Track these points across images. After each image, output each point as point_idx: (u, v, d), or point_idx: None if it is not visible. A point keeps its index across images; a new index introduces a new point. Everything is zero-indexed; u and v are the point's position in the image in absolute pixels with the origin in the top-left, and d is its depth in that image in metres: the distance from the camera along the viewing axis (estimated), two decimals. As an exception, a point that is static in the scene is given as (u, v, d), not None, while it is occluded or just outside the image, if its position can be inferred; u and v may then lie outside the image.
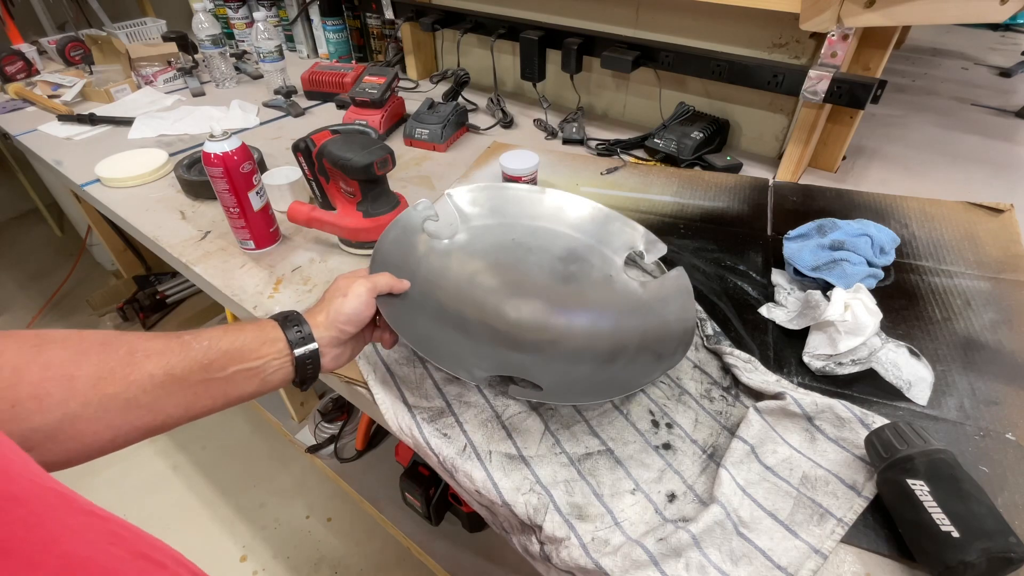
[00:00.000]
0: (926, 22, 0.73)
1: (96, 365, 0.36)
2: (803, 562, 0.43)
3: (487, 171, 0.97)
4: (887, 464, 0.44)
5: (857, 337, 0.57)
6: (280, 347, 0.46)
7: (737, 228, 0.81)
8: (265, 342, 0.45)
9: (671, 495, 0.48)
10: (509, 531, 0.51)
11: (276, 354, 0.45)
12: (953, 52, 1.52)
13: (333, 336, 0.49)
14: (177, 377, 0.39)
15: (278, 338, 0.46)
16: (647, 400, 0.56)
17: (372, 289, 0.51)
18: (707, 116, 1.01)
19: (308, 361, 0.47)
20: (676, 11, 0.96)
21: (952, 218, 0.80)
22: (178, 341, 0.41)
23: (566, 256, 0.70)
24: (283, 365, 0.46)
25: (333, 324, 0.49)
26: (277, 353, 0.45)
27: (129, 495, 1.42)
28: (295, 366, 0.47)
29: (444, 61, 1.40)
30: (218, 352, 0.42)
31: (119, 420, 0.37)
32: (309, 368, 0.47)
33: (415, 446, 0.54)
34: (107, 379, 0.36)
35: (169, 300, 1.75)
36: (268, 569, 1.27)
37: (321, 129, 0.79)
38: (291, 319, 0.48)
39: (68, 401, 0.34)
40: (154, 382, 0.38)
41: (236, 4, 1.50)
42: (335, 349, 0.50)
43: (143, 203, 0.92)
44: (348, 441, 1.31)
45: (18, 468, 0.22)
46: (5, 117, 1.26)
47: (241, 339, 0.44)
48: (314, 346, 0.47)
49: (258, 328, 0.46)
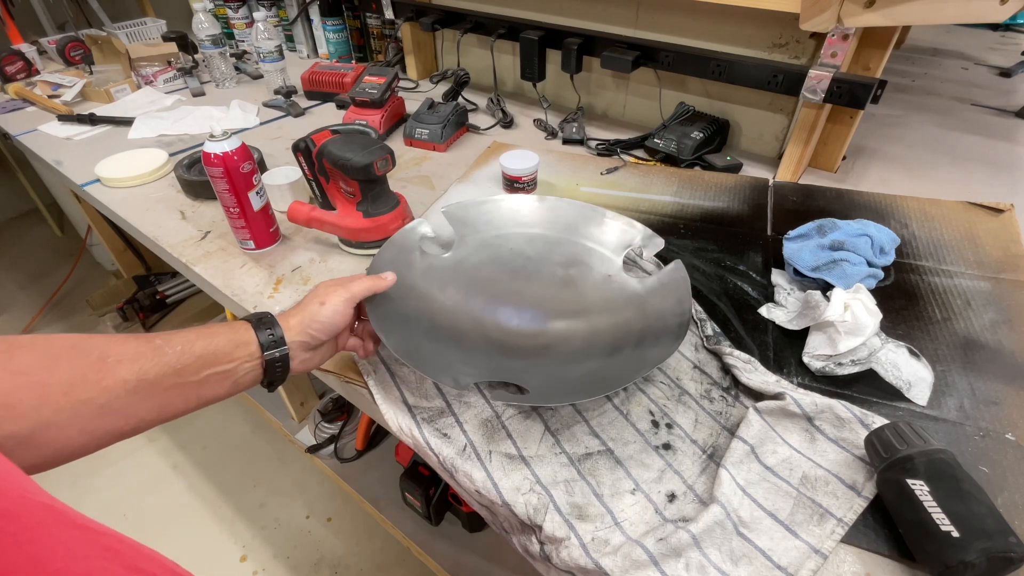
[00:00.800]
0: (926, 22, 0.73)
1: (68, 371, 0.36)
2: (803, 562, 0.43)
3: (487, 171, 0.97)
4: (887, 464, 0.44)
5: (857, 337, 0.57)
6: (252, 350, 0.46)
7: (737, 228, 0.81)
8: (238, 345, 0.46)
9: (671, 495, 0.48)
10: (509, 531, 0.51)
11: (248, 357, 0.46)
12: (953, 52, 1.52)
13: (304, 341, 0.49)
14: (150, 382, 0.39)
15: (250, 341, 0.46)
16: (647, 400, 0.56)
17: (349, 299, 0.52)
18: (707, 116, 1.01)
19: (278, 364, 0.48)
20: (676, 11, 0.96)
21: (952, 218, 0.80)
22: (150, 345, 0.41)
23: (565, 261, 0.70)
24: (254, 368, 0.47)
25: (305, 329, 0.49)
26: (249, 356, 0.46)
27: (129, 495, 1.42)
28: (264, 368, 0.47)
29: (444, 61, 1.40)
30: (191, 356, 0.42)
31: (92, 425, 0.37)
32: (278, 370, 0.48)
33: (415, 446, 0.54)
34: (79, 385, 0.36)
35: (169, 300, 1.75)
36: (268, 569, 1.27)
37: (321, 129, 0.79)
38: (264, 321, 0.48)
39: (41, 408, 0.34)
40: (127, 387, 0.38)
41: (236, 4, 1.50)
42: (305, 353, 0.50)
43: (143, 203, 0.92)
44: (348, 441, 1.31)
45: (9, 484, 0.22)
46: (5, 117, 1.26)
47: (215, 343, 0.44)
48: (285, 349, 0.48)
49: (231, 331, 0.46)
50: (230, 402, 1.64)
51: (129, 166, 0.98)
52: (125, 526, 1.34)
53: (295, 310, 0.51)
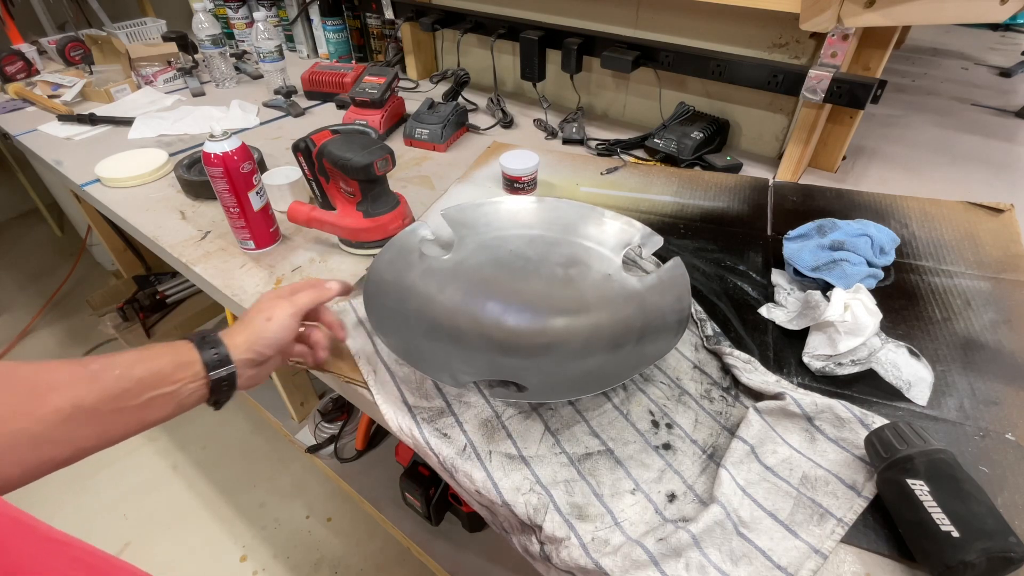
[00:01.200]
0: (926, 22, 0.73)
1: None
2: (803, 562, 0.43)
3: (487, 171, 0.97)
4: (887, 464, 0.44)
5: (857, 337, 0.57)
6: (196, 370, 0.45)
7: (737, 228, 0.81)
8: (180, 365, 0.45)
9: (671, 495, 0.48)
10: (509, 531, 0.51)
11: (192, 377, 0.45)
12: (953, 52, 1.52)
13: (250, 358, 0.49)
14: (87, 409, 0.38)
15: (194, 361, 0.46)
16: (647, 400, 0.56)
17: (295, 313, 0.52)
18: (707, 116, 1.01)
19: (224, 383, 0.47)
20: (676, 11, 0.96)
21: (952, 218, 0.80)
22: (86, 371, 0.39)
23: (564, 261, 0.70)
24: (199, 388, 0.46)
25: (251, 347, 0.49)
26: (193, 376, 0.45)
27: (129, 495, 1.42)
28: (210, 388, 0.46)
29: (444, 61, 1.40)
30: (131, 381, 0.41)
31: (28, 456, 0.36)
32: (225, 389, 0.47)
33: (415, 446, 0.54)
34: (10, 417, 0.35)
35: (169, 300, 1.75)
36: (268, 569, 1.27)
37: (321, 129, 0.79)
38: (208, 340, 0.47)
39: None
40: (61, 416, 0.37)
41: (236, 4, 1.50)
42: (251, 370, 0.50)
43: (143, 203, 0.92)
44: (348, 441, 1.31)
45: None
46: (5, 117, 1.26)
47: (156, 365, 0.43)
48: (231, 368, 0.47)
49: (173, 351, 0.45)
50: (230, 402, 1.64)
51: (129, 166, 0.98)
52: (125, 526, 1.34)
53: (240, 326, 0.50)
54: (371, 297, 0.59)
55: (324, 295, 0.55)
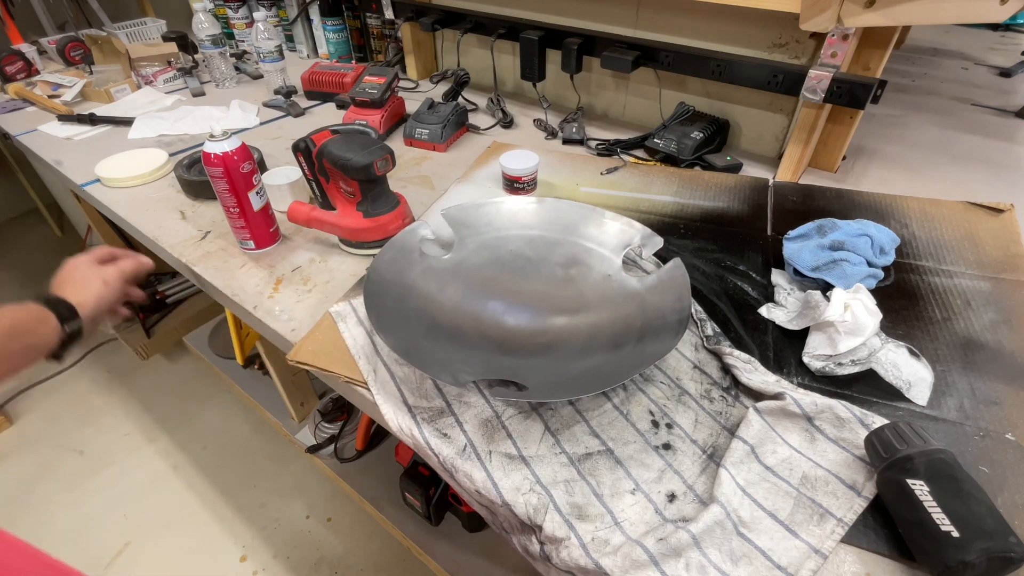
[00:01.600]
0: (926, 22, 0.73)
1: None
2: (803, 562, 0.43)
3: (487, 171, 0.97)
4: (887, 464, 0.44)
5: (857, 337, 0.57)
6: (53, 324, 0.54)
7: (737, 228, 0.81)
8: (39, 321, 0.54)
9: (671, 495, 0.48)
10: (509, 531, 0.51)
11: (51, 331, 0.54)
12: (953, 52, 1.52)
13: (92, 316, 0.59)
14: None
15: (48, 317, 0.54)
16: (647, 400, 0.56)
17: (126, 280, 0.64)
18: (707, 116, 1.01)
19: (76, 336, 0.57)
20: (676, 11, 0.96)
21: (952, 218, 0.80)
22: None
23: (564, 262, 0.70)
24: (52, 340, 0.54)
25: (97, 307, 0.59)
26: (53, 330, 0.54)
27: (129, 495, 1.42)
28: (61, 341, 0.55)
29: (444, 61, 1.40)
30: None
31: None
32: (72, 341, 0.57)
33: (415, 446, 0.54)
34: None
35: (169, 300, 1.75)
36: (268, 569, 1.27)
37: (321, 129, 0.79)
38: (53, 300, 0.56)
39: None
40: None
41: (236, 4, 1.50)
42: (91, 325, 0.60)
43: (143, 203, 0.92)
44: (348, 441, 1.31)
45: None
46: (5, 117, 1.26)
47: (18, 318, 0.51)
48: (79, 323, 0.57)
49: (26, 310, 0.53)
50: (230, 402, 1.65)
51: (129, 166, 0.98)
52: (125, 526, 1.34)
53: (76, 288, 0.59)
54: (371, 297, 0.59)
55: (143, 267, 0.67)
